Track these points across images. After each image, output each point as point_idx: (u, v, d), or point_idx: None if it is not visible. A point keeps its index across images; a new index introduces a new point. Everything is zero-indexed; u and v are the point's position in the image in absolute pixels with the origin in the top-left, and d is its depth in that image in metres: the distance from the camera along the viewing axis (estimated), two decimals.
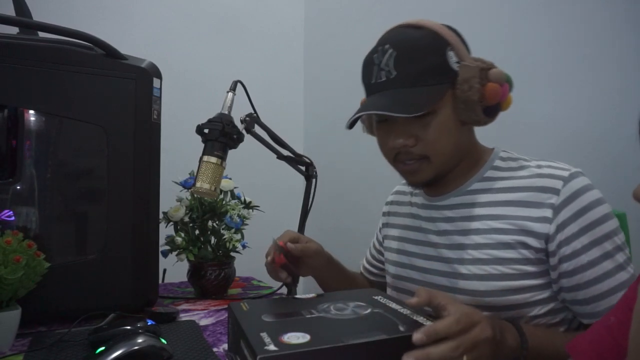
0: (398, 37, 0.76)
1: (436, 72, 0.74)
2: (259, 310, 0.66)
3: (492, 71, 0.74)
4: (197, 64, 1.93)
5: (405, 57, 0.74)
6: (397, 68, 0.74)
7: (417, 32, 0.76)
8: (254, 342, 0.54)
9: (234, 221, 1.17)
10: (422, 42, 0.74)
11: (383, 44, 0.76)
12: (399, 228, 0.95)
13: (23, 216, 0.89)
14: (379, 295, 0.74)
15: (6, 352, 0.78)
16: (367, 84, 0.79)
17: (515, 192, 0.76)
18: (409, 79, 0.74)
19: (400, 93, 0.74)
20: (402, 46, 0.74)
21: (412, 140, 0.76)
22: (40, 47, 0.90)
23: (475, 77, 0.73)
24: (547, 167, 0.76)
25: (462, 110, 0.75)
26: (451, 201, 0.83)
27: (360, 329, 0.58)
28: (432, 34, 0.75)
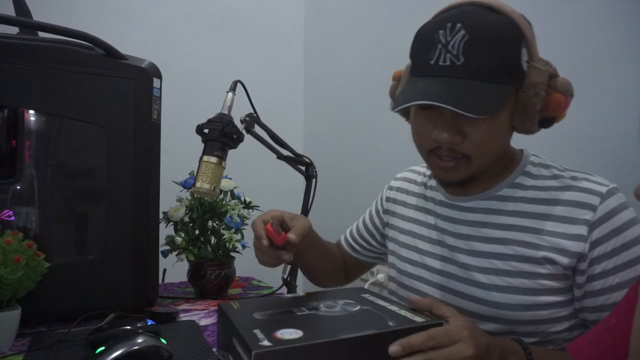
0: (473, 19, 0.65)
1: (507, 69, 0.66)
2: (249, 309, 0.67)
3: (560, 80, 0.68)
4: (197, 64, 1.93)
5: (479, 44, 0.64)
6: (466, 55, 0.64)
7: (496, 17, 0.66)
8: (247, 338, 0.55)
9: (234, 221, 1.17)
10: (500, 31, 0.65)
11: (454, 22, 0.65)
12: (408, 221, 0.90)
13: (23, 216, 0.89)
14: (367, 293, 0.76)
15: (6, 352, 0.78)
16: (422, 62, 0.69)
17: (547, 205, 0.72)
18: (478, 71, 0.65)
19: (465, 85, 0.65)
20: (477, 31, 0.64)
21: (459, 137, 0.69)
22: (40, 47, 0.90)
23: (543, 83, 0.66)
24: (584, 181, 0.71)
25: (519, 116, 0.69)
26: (476, 204, 0.78)
27: (351, 325, 0.59)
28: (512, 23, 0.66)
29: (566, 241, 0.68)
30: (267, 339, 0.54)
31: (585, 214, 0.68)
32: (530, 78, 0.67)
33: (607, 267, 0.67)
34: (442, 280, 0.80)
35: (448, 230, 0.81)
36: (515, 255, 0.72)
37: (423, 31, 0.70)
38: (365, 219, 1.05)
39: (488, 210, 0.77)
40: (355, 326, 0.59)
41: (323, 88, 2.10)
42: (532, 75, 0.67)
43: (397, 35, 1.63)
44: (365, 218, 1.05)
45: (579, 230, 0.68)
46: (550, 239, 0.69)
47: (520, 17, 0.68)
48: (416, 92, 0.67)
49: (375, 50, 1.74)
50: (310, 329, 0.58)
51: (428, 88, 0.66)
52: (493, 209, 0.76)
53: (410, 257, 0.87)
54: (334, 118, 2.02)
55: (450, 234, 0.80)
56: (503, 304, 0.72)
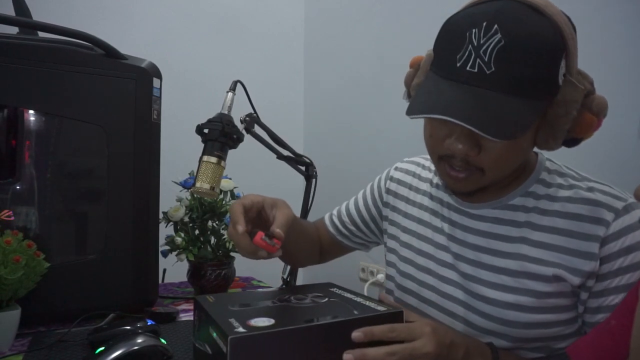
0: (513, 20, 0.57)
1: (542, 83, 0.59)
2: (224, 302, 0.70)
3: (596, 99, 0.62)
4: (197, 64, 1.93)
5: (515, 53, 0.57)
6: (498, 63, 0.57)
7: (539, 20, 0.58)
8: (224, 326, 0.58)
9: None
10: (541, 39, 0.57)
11: (490, 22, 0.57)
12: (411, 220, 0.85)
13: (23, 216, 0.89)
14: (335, 288, 0.80)
15: (6, 352, 0.78)
16: (448, 61, 0.61)
17: (561, 218, 0.67)
18: (510, 84, 0.58)
19: (493, 100, 0.57)
20: (515, 37, 0.56)
21: (476, 150, 0.63)
22: (40, 47, 0.90)
23: (577, 101, 0.60)
24: (600, 193, 0.66)
25: (544, 133, 0.63)
26: (487, 212, 0.73)
27: (319, 314, 0.64)
28: (556, 29, 0.59)
29: (578, 259, 0.65)
30: (242, 327, 0.58)
31: (599, 229, 0.64)
32: (564, 94, 0.60)
33: (609, 285, 0.64)
34: (445, 287, 0.77)
35: (455, 237, 0.77)
36: (525, 272, 0.68)
37: (453, 24, 0.61)
38: (359, 205, 0.97)
39: (499, 220, 0.72)
40: (323, 315, 0.63)
41: (323, 88, 2.10)
42: (567, 91, 0.60)
43: (397, 35, 1.63)
44: (359, 203, 0.97)
45: (591, 248, 0.64)
46: (562, 255, 0.66)
47: (566, 21, 0.61)
48: (437, 101, 0.60)
49: (375, 50, 1.74)
50: (281, 318, 0.62)
51: (451, 99, 0.59)
52: (504, 219, 0.72)
53: (413, 258, 0.83)
54: (334, 118, 2.02)
55: (457, 241, 0.77)
56: (509, 322, 0.69)
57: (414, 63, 0.72)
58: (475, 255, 0.74)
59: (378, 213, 0.94)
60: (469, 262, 0.74)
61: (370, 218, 0.96)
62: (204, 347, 0.67)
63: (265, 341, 0.57)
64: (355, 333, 0.60)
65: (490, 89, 0.58)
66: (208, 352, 0.64)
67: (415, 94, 0.66)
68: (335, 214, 1.01)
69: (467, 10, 0.62)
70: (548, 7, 0.60)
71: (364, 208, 0.96)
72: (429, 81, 0.65)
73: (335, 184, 1.88)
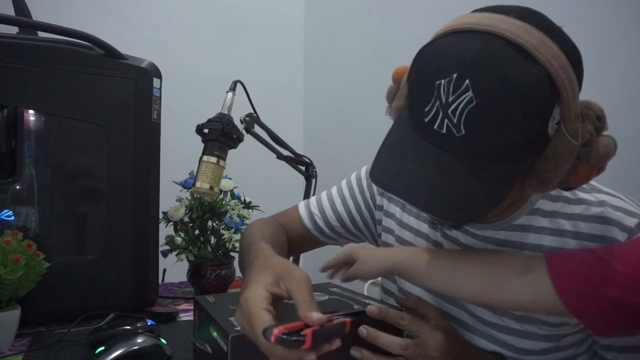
0: (489, 75, 0.47)
1: (524, 144, 0.50)
2: (224, 302, 0.71)
3: (598, 148, 0.52)
4: (197, 64, 1.93)
5: (490, 115, 0.48)
6: (468, 128, 0.48)
7: (524, 69, 0.48)
8: (224, 325, 0.58)
9: (234, 221, 1.17)
10: (525, 96, 0.48)
11: (462, 75, 0.48)
12: (409, 230, 0.79)
13: (23, 216, 0.89)
14: (335, 287, 0.81)
15: (6, 352, 0.78)
16: (417, 110, 0.53)
17: (572, 239, 0.62)
18: (481, 150, 0.50)
19: (460, 170, 0.50)
20: (489, 97, 0.47)
21: None
22: (40, 47, 0.90)
23: (570, 156, 0.51)
24: (612, 209, 0.60)
25: (532, 184, 0.55)
26: (494, 234, 0.67)
27: (320, 310, 0.61)
28: (544, 79, 0.48)
29: None
30: None
31: None
32: (554, 147, 0.51)
33: None
34: (447, 308, 0.73)
35: None
36: None
37: (423, 66, 0.53)
38: (349, 207, 0.86)
39: (506, 242, 0.66)
40: (324, 310, 0.61)
41: (323, 88, 2.10)
42: (558, 143, 0.51)
43: (397, 35, 1.62)
44: (349, 206, 0.86)
45: None
46: None
47: (563, 62, 0.49)
48: (399, 172, 0.53)
49: (375, 50, 1.74)
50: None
51: (413, 172, 0.52)
52: (512, 241, 0.66)
53: None
54: (334, 118, 2.02)
55: None
56: (519, 349, 0.66)
57: (397, 78, 0.63)
58: None
59: (370, 216, 0.86)
60: None
61: (362, 221, 0.86)
62: (204, 346, 0.67)
63: None
64: (371, 307, 0.60)
65: (458, 154, 0.50)
66: (208, 351, 0.64)
67: (382, 145, 0.58)
68: (318, 213, 0.87)
69: (441, 45, 0.52)
70: (540, 48, 0.48)
71: (354, 210, 0.86)
72: (399, 129, 0.58)
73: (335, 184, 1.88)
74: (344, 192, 0.88)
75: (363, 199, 0.86)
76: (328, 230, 0.87)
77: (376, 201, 0.85)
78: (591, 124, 0.52)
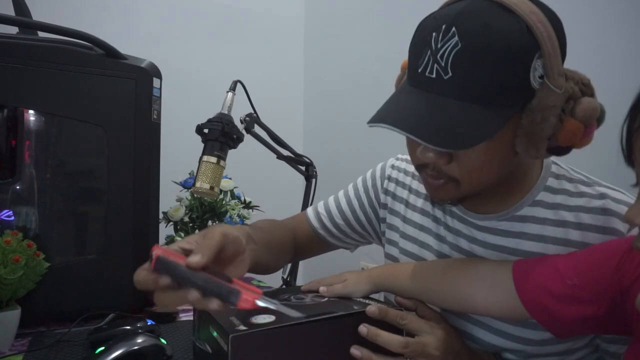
0: (473, 22, 0.53)
1: (509, 89, 0.54)
2: None
3: (582, 103, 0.55)
4: (197, 63, 1.93)
5: (474, 58, 0.53)
6: (455, 69, 0.53)
7: (504, 19, 0.53)
8: (224, 325, 0.58)
9: (234, 221, 1.17)
10: (506, 41, 0.52)
11: (449, 24, 0.54)
12: (412, 226, 0.80)
13: (23, 216, 0.89)
14: None
15: (6, 352, 0.78)
16: (412, 67, 0.58)
17: (574, 229, 0.63)
18: (468, 91, 0.54)
19: (447, 107, 0.54)
20: (473, 40, 0.52)
21: (446, 158, 0.59)
22: (40, 47, 0.90)
23: (556, 107, 0.54)
24: (613, 202, 0.62)
25: (522, 142, 0.57)
26: (496, 225, 0.69)
27: (320, 310, 0.63)
28: (524, 29, 0.53)
29: None
30: (242, 324, 0.58)
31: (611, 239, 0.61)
32: (539, 99, 0.54)
33: None
34: None
35: (460, 247, 0.73)
36: None
37: (420, 28, 0.58)
38: (353, 205, 0.89)
39: (508, 233, 0.68)
40: (324, 311, 0.63)
41: (323, 88, 2.10)
42: (543, 96, 0.54)
43: (397, 35, 1.62)
44: (354, 204, 0.89)
45: None
46: None
47: (543, 19, 0.54)
48: (391, 110, 0.58)
49: (375, 50, 1.74)
50: (282, 315, 0.61)
51: (405, 106, 0.57)
52: (514, 231, 0.67)
53: (404, 260, 0.81)
54: (334, 118, 2.02)
55: (463, 251, 0.72)
56: (519, 338, 0.66)
57: (404, 66, 0.66)
58: None
59: (375, 215, 0.88)
60: None
61: (366, 220, 0.88)
62: (204, 346, 0.67)
63: (266, 338, 0.57)
64: (371, 307, 0.61)
65: (447, 96, 0.54)
66: (208, 351, 0.64)
67: None
68: (324, 213, 0.91)
69: (436, 12, 0.58)
70: (520, 4, 0.54)
71: (359, 209, 0.88)
72: (399, 88, 0.63)
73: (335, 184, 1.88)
74: (350, 193, 0.92)
75: (367, 198, 0.88)
76: (334, 230, 0.90)
77: (380, 199, 0.87)
78: (576, 85, 0.56)
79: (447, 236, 0.74)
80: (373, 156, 1.84)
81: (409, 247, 0.80)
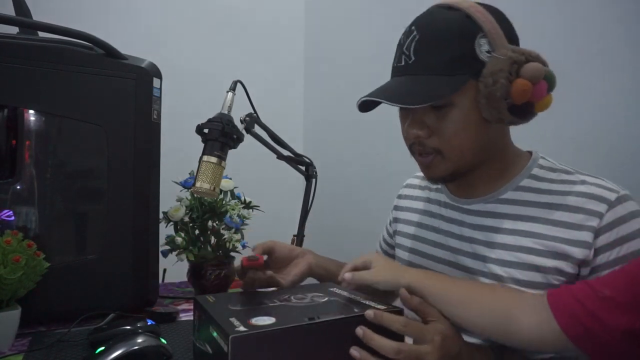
0: (426, 19, 0.71)
1: (459, 61, 0.67)
2: (225, 302, 0.70)
3: (527, 66, 0.66)
4: (197, 63, 1.93)
5: (427, 42, 0.69)
6: (416, 53, 0.69)
7: (448, 13, 0.69)
8: (224, 325, 0.58)
9: (234, 221, 1.17)
10: (449, 25, 0.68)
11: (410, 25, 0.72)
12: (413, 225, 0.89)
13: (23, 216, 0.89)
14: (335, 288, 0.80)
15: (6, 352, 0.78)
16: (392, 64, 0.75)
17: (554, 210, 0.70)
18: (427, 67, 0.69)
19: (414, 81, 0.69)
20: (426, 30, 0.69)
21: (426, 131, 0.71)
22: (40, 47, 0.90)
23: (503, 70, 0.65)
24: (594, 186, 0.69)
25: (484, 106, 0.68)
26: (481, 207, 0.77)
27: (320, 312, 0.64)
28: (464, 17, 0.68)
29: (572, 247, 0.66)
30: (242, 325, 0.58)
31: (592, 220, 0.66)
32: (489, 67, 0.67)
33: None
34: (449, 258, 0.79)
35: (452, 233, 0.80)
36: (517, 263, 0.70)
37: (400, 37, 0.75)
38: (383, 235, 1.03)
39: (492, 214, 0.75)
40: (324, 313, 0.63)
41: (323, 88, 2.10)
42: (491, 64, 0.67)
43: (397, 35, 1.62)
44: (383, 234, 1.03)
45: (585, 237, 0.66)
46: (555, 244, 0.68)
47: (480, 9, 0.69)
48: (374, 91, 0.72)
49: (375, 50, 1.74)
50: (282, 316, 0.63)
51: (383, 87, 0.73)
52: (497, 212, 0.75)
53: (413, 261, 0.86)
54: (334, 118, 2.02)
55: (455, 236, 0.79)
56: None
57: None
58: (472, 247, 0.76)
59: (393, 231, 0.98)
60: (467, 255, 0.76)
61: (389, 240, 1.00)
62: (204, 346, 0.67)
63: (266, 340, 0.57)
64: (368, 311, 0.62)
65: (412, 74, 0.70)
66: (208, 351, 0.64)
67: None
68: (378, 245, 1.04)
69: None
70: (460, 3, 0.70)
71: (386, 234, 1.02)
72: None
73: (335, 184, 1.88)
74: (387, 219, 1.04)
75: (389, 221, 1.01)
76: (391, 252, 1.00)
77: (392, 216, 0.99)
78: (522, 55, 0.66)
79: (442, 225, 0.82)
80: (373, 156, 1.85)
81: (409, 244, 0.88)
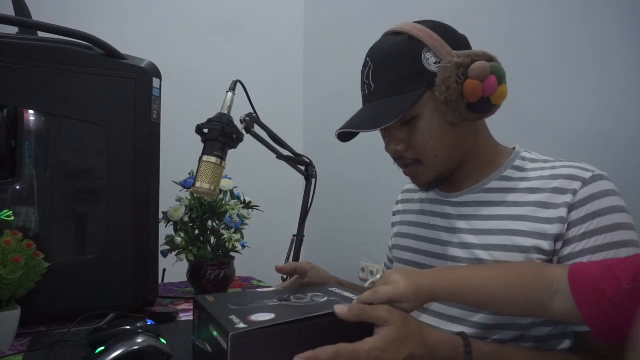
0: (376, 49, 0.78)
1: (411, 77, 0.74)
2: (224, 301, 0.71)
3: (472, 66, 0.70)
4: (197, 64, 1.93)
5: (380, 68, 0.75)
6: (374, 81, 0.76)
7: (394, 39, 0.76)
8: (224, 323, 0.58)
9: (234, 221, 1.17)
10: (396, 49, 0.74)
11: (366, 56, 0.78)
12: (408, 225, 0.92)
13: (23, 216, 0.89)
14: (334, 287, 0.81)
15: (6, 352, 0.78)
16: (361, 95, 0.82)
17: (534, 194, 0.73)
18: (385, 90, 0.75)
19: (377, 105, 0.76)
20: (377, 58, 0.76)
21: (403, 145, 0.78)
22: (40, 47, 0.90)
23: (452, 76, 0.71)
24: (570, 168, 0.72)
25: (444, 111, 0.73)
26: (467, 198, 0.81)
27: (320, 311, 0.64)
28: (406, 38, 0.74)
29: (548, 225, 0.69)
30: (242, 322, 0.58)
31: (567, 197, 0.69)
32: (439, 77, 0.72)
33: (574, 250, 0.67)
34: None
35: (442, 227, 0.82)
36: (502, 245, 0.72)
37: None
38: (389, 245, 1.03)
39: (477, 203, 0.79)
40: (323, 310, 0.63)
41: (323, 88, 2.10)
42: (440, 73, 0.72)
43: None
44: (390, 244, 1.03)
45: (560, 214, 0.69)
46: (536, 224, 0.70)
47: (422, 28, 0.74)
48: (347, 121, 0.79)
49: None
50: (282, 313, 0.62)
51: (353, 117, 0.79)
52: (482, 201, 0.79)
53: (403, 257, 0.88)
54: (334, 118, 2.01)
55: (445, 229, 0.82)
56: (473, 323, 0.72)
57: None
58: (459, 238, 0.78)
59: (393, 235, 0.99)
60: (455, 246, 0.79)
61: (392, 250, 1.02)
62: (204, 346, 0.67)
63: (265, 336, 0.57)
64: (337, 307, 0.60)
65: (374, 100, 0.77)
66: (208, 350, 0.64)
67: None
68: (386, 257, 1.05)
69: None
70: (403, 27, 0.76)
71: (389, 250, 1.02)
72: None
73: (335, 184, 1.88)
74: None
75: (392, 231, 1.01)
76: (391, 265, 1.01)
77: (392, 220, 1.01)
78: (467, 58, 0.71)
79: (431, 220, 0.86)
80: (373, 156, 1.84)
81: (404, 242, 0.90)
